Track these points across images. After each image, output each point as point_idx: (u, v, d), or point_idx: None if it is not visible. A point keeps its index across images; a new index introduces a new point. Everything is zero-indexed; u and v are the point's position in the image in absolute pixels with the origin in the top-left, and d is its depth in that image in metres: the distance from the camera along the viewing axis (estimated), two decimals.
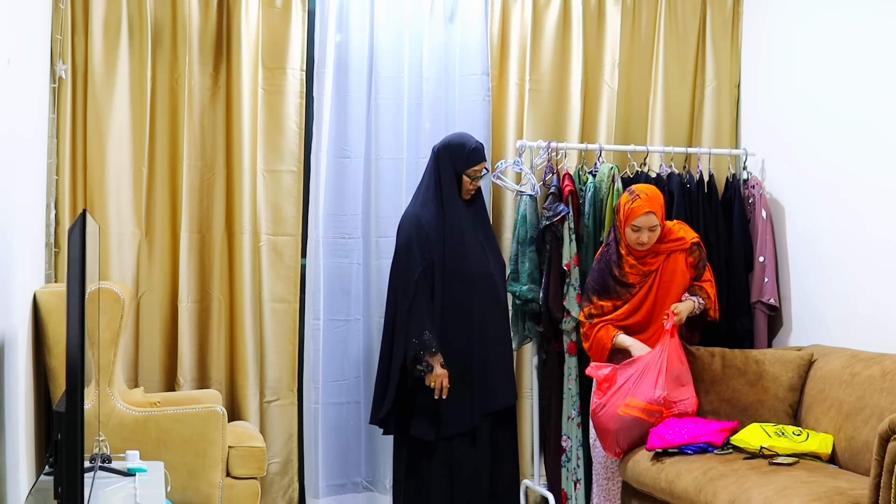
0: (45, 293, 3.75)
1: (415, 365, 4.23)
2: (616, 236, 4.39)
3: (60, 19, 4.40)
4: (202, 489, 3.92)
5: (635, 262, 4.35)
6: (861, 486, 3.32)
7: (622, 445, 4.20)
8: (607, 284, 4.38)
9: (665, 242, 4.37)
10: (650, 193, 4.32)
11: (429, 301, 4.28)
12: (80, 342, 2.62)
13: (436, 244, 4.32)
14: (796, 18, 4.81)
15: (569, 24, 5.05)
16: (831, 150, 4.53)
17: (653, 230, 4.29)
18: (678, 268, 4.38)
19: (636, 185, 4.45)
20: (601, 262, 4.42)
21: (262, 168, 4.75)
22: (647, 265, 4.36)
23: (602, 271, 4.40)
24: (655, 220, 4.27)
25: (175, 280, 4.67)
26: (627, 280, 4.35)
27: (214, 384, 4.69)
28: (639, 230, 4.28)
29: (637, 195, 4.30)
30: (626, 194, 4.37)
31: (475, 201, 4.51)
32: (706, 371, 4.38)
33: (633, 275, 4.35)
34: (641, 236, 4.29)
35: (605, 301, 4.38)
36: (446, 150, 4.42)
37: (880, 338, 4.11)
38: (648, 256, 4.36)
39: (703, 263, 4.45)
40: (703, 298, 4.39)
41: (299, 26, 4.78)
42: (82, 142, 4.57)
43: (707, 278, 4.45)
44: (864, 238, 4.31)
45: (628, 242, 4.33)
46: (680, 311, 4.29)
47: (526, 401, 5.00)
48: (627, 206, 4.30)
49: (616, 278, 4.36)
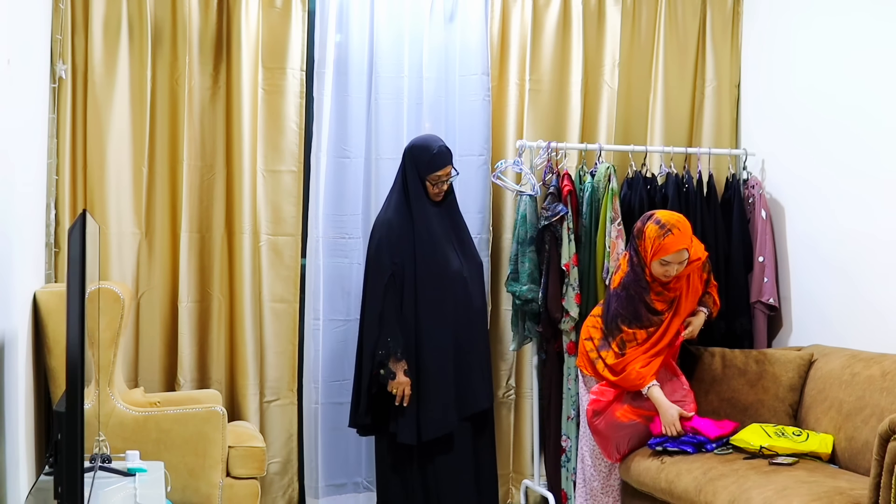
0: (45, 293, 3.75)
1: (379, 370, 4.26)
2: (640, 263, 4.17)
3: (60, 19, 4.40)
4: (202, 489, 3.92)
5: (661, 288, 4.20)
6: (861, 486, 3.32)
7: (621, 451, 4.20)
8: (639, 313, 4.19)
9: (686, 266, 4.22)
10: (682, 227, 4.10)
11: (397, 306, 4.29)
12: (80, 342, 2.62)
13: (405, 248, 4.33)
14: (796, 18, 4.81)
15: (569, 24, 5.05)
16: (831, 149, 4.53)
17: (682, 263, 4.13)
18: (694, 286, 4.31)
19: (664, 215, 4.17)
20: (628, 290, 4.20)
21: (262, 168, 4.75)
22: (672, 291, 4.23)
23: (632, 299, 4.19)
24: (687, 255, 4.11)
25: (175, 280, 4.67)
26: (655, 307, 4.21)
27: (214, 384, 4.69)
28: (668, 264, 4.11)
29: (669, 230, 4.07)
30: (655, 226, 4.10)
31: (447, 201, 4.49)
32: (706, 371, 4.38)
33: (660, 302, 4.22)
34: (670, 270, 4.12)
35: (638, 329, 4.19)
36: (410, 153, 4.43)
37: (880, 338, 4.11)
38: (672, 282, 4.21)
39: (709, 273, 4.42)
40: (710, 306, 4.38)
41: (299, 26, 4.78)
42: (82, 142, 4.57)
43: (712, 284, 4.43)
44: (865, 238, 4.31)
45: (654, 273, 4.15)
46: (694, 326, 4.27)
47: (526, 401, 5.00)
48: (658, 242, 4.07)
49: (647, 305, 4.20)
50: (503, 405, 5.04)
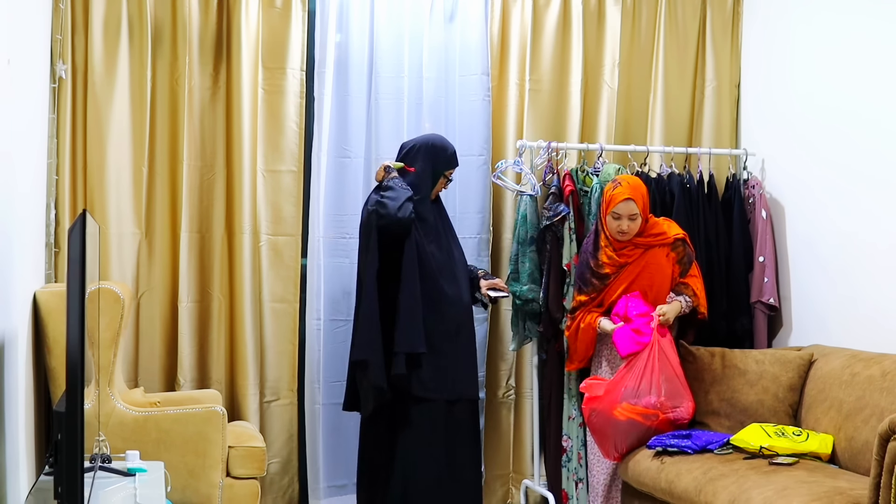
0: (45, 293, 3.75)
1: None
2: (598, 227, 4.41)
3: (60, 19, 4.40)
4: (202, 489, 3.92)
5: (612, 252, 4.35)
6: (861, 486, 3.32)
7: (620, 449, 4.20)
8: (584, 277, 4.40)
9: (644, 236, 4.36)
10: (632, 182, 4.36)
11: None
12: (80, 342, 2.62)
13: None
14: (796, 18, 4.81)
15: (569, 24, 5.05)
16: (831, 149, 4.53)
17: (633, 218, 4.29)
18: (658, 263, 4.35)
19: (620, 175, 4.49)
20: (581, 255, 4.47)
21: (262, 168, 4.75)
22: (623, 256, 4.35)
23: (581, 265, 4.45)
24: (635, 208, 4.28)
25: (175, 280, 4.67)
26: (603, 271, 4.36)
27: (214, 384, 4.69)
28: (619, 217, 4.29)
29: (619, 183, 4.34)
30: (610, 182, 4.41)
31: (437, 200, 4.52)
32: (706, 371, 4.38)
33: (609, 265, 4.35)
34: (622, 224, 4.29)
35: (583, 296, 4.40)
36: (432, 148, 4.42)
37: (880, 338, 4.11)
38: (626, 248, 4.35)
39: (688, 260, 4.42)
40: (689, 297, 4.37)
41: (299, 26, 4.78)
42: (82, 142, 4.57)
43: (693, 274, 4.42)
44: (865, 238, 4.31)
45: (609, 231, 4.34)
46: (665, 311, 4.25)
47: (526, 401, 5.00)
48: (609, 193, 4.34)
49: (592, 270, 4.37)
50: (503, 405, 5.03)
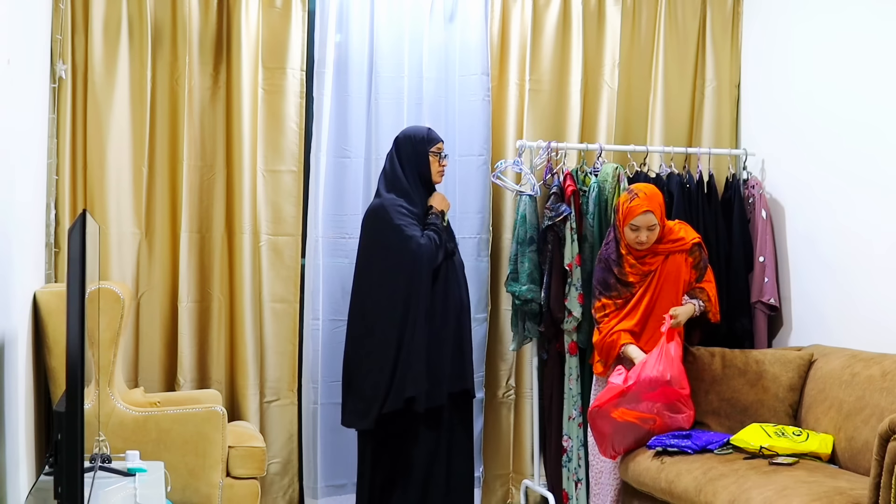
0: (45, 293, 3.75)
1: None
2: (616, 235, 4.39)
3: (60, 19, 4.40)
4: (202, 489, 3.92)
5: (635, 261, 4.35)
6: (861, 486, 3.32)
7: (617, 449, 4.20)
8: (608, 283, 4.38)
9: (664, 243, 4.36)
10: (649, 192, 4.32)
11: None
12: (80, 342, 2.62)
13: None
14: (796, 18, 4.81)
15: (569, 24, 5.05)
16: (831, 149, 4.53)
17: (651, 229, 4.29)
18: (678, 268, 4.37)
19: (635, 185, 4.45)
20: (602, 262, 4.43)
21: (262, 168, 4.75)
22: (646, 265, 4.36)
23: (604, 270, 4.41)
24: (654, 220, 4.27)
25: (175, 280, 4.67)
26: (628, 279, 4.36)
27: (214, 384, 4.69)
28: (637, 229, 4.28)
29: (636, 194, 4.30)
30: (625, 193, 4.38)
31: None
32: (706, 371, 4.38)
33: (633, 274, 4.35)
34: (640, 235, 4.28)
35: (607, 300, 4.38)
36: (404, 136, 4.39)
37: (880, 338, 4.11)
38: (647, 256, 4.35)
39: (704, 264, 4.44)
40: (703, 301, 4.38)
41: (299, 26, 4.78)
42: (82, 142, 4.57)
43: (708, 279, 4.44)
44: (865, 238, 4.31)
45: (627, 242, 4.33)
46: (678, 314, 4.26)
47: (526, 401, 5.00)
48: (626, 205, 4.30)
49: (617, 277, 4.36)
50: (503, 405, 5.04)
